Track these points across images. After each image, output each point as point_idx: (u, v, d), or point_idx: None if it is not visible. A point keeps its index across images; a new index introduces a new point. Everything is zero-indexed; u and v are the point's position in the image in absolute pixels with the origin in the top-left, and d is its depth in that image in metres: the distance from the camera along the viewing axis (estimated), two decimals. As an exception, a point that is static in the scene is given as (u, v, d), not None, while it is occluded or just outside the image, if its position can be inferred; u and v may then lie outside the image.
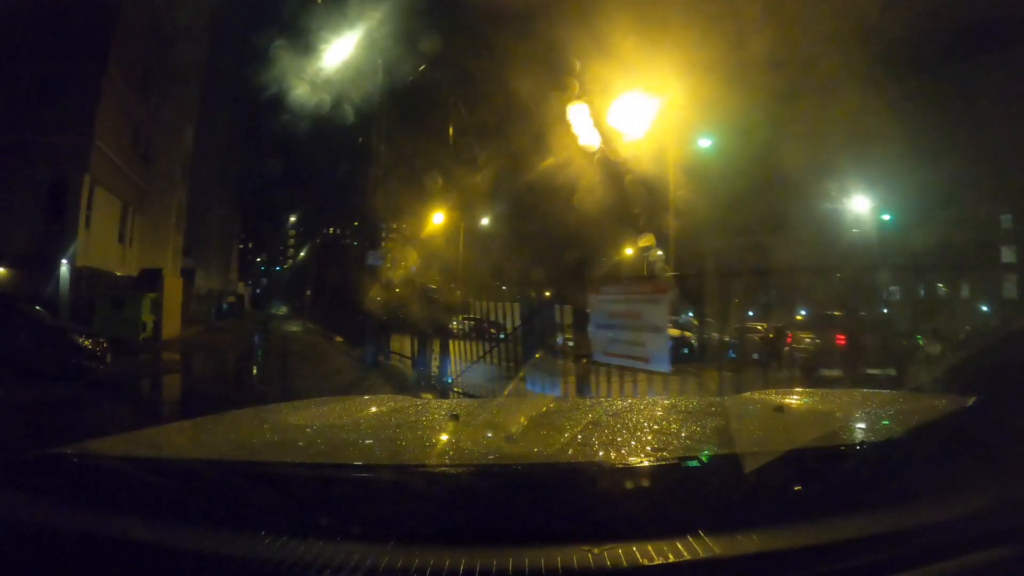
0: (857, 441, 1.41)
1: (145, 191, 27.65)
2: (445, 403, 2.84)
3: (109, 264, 23.73)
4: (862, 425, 1.68)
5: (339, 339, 21.96)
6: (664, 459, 1.26)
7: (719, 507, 1.02)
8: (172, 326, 23.22)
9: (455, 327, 9.31)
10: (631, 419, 1.85)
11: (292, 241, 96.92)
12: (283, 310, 70.22)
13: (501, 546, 0.92)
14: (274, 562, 0.90)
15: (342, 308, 22.75)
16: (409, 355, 11.06)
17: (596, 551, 0.91)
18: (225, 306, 44.79)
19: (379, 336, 13.68)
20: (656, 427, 1.74)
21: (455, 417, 1.76)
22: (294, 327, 37.59)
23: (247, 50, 47.41)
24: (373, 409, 2.15)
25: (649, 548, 0.93)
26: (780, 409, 1.87)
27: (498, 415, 1.95)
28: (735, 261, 20.27)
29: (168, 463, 1.23)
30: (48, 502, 1.06)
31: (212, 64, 34.78)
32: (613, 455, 1.37)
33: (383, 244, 12.52)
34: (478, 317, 8.97)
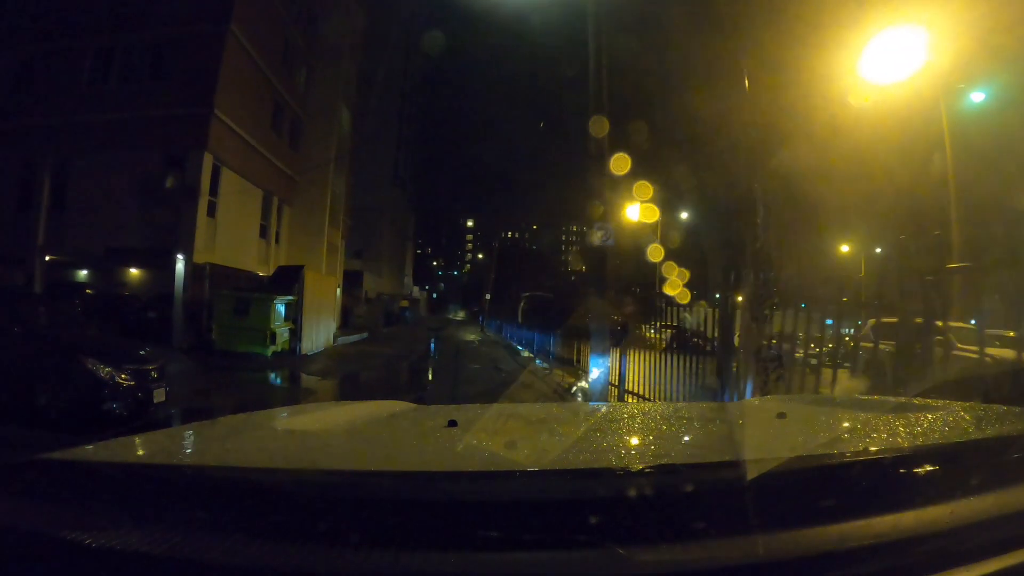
0: (862, 447, 1.28)
1: (295, 182, 24.48)
2: (444, 409, 2.09)
3: (248, 263, 20.47)
4: (868, 431, 1.52)
5: (526, 353, 18.85)
6: (663, 464, 1.23)
7: (721, 513, 0.98)
8: (321, 336, 19.15)
9: (653, 335, 8.40)
10: (632, 425, 1.95)
11: (470, 245, 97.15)
12: (460, 315, 68.91)
13: (496, 552, 0.92)
14: (270, 569, 0.89)
15: (534, 317, 20.89)
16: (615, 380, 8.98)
17: (596, 558, 0.91)
18: (398, 311, 42.24)
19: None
20: (657, 433, 1.81)
21: (453, 423, 1.63)
22: (471, 335, 34.27)
23: (418, 22, 45.10)
24: (371, 414, 2.02)
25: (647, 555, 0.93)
26: (782, 415, 1.82)
27: (497, 421, 1.93)
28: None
29: (161, 469, 1.18)
30: (36, 509, 1.01)
31: (373, 39, 31.56)
32: (613, 461, 1.36)
33: (597, 233, 8.37)
34: (676, 324, 7.88)
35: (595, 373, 8.56)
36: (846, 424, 1.70)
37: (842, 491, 1.06)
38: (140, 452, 1.38)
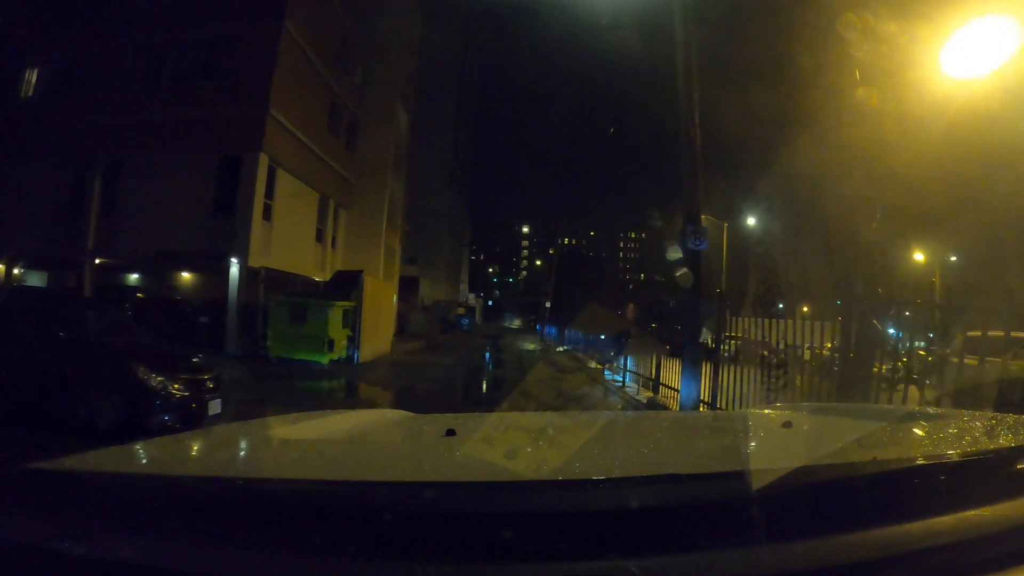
0: (869, 457, 1.20)
1: (351, 185, 23.90)
2: (443, 418, 1.99)
3: (303, 266, 19.88)
4: (875, 441, 1.49)
5: (593, 364, 17.58)
6: (667, 475, 1.16)
7: (726, 524, 0.97)
8: (379, 343, 18.31)
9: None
10: (635, 434, 1.94)
11: (525, 252, 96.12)
12: (516, 323, 67.97)
13: (495, 564, 0.91)
14: None
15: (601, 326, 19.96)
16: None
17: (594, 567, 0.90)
18: (454, 319, 41.47)
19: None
20: (660, 442, 1.82)
21: (452, 432, 1.60)
22: (530, 344, 33.29)
23: (476, 22, 44.56)
24: (368, 424, 2.03)
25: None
26: (788, 424, 1.79)
27: (497, 430, 1.85)
28: None
29: (154, 480, 1.18)
30: (24, 519, 0.99)
31: (429, 39, 30.96)
32: (615, 471, 1.33)
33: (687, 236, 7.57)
34: (742, 336, 8.08)
35: (686, 389, 8.14)
36: (853, 433, 1.56)
37: (849, 502, 1.04)
38: (130, 462, 1.35)
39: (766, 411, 2.48)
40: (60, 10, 18.68)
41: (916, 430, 1.76)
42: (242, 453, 1.56)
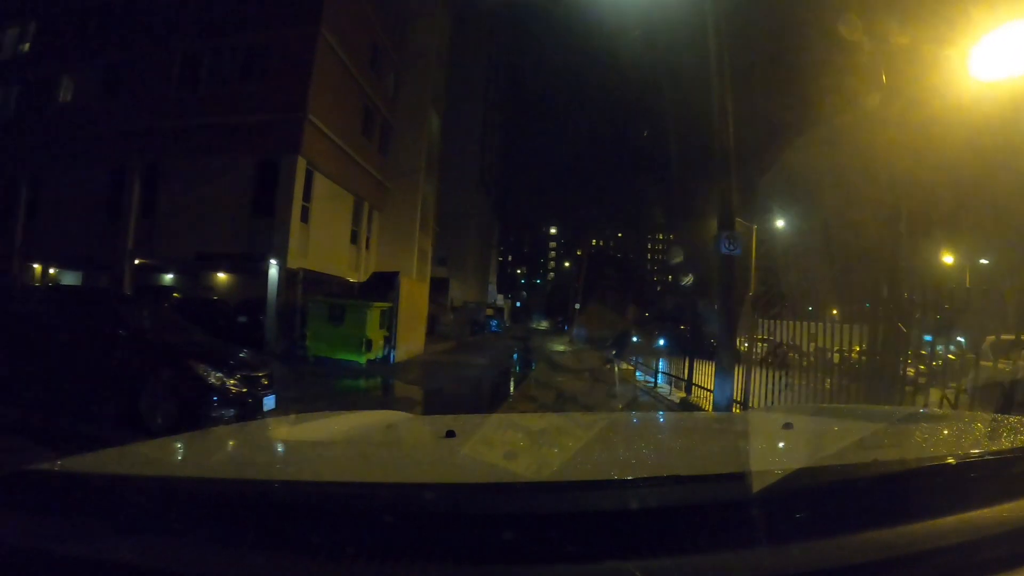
0: (870, 459, 1.21)
1: (385, 187, 24.25)
2: (442, 419, 1.97)
3: (339, 268, 20.24)
4: (877, 442, 1.49)
5: (625, 366, 17.43)
6: (667, 476, 1.18)
7: (727, 526, 0.97)
8: (413, 344, 18.54)
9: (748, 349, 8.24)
10: (636, 435, 1.96)
11: (553, 253, 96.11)
12: (544, 324, 67.90)
13: (494, 565, 0.90)
14: None
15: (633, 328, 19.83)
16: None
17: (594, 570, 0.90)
18: (483, 320, 41.66)
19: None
20: (661, 443, 1.86)
21: (451, 434, 1.57)
22: (560, 345, 32.99)
23: (504, 27, 44.79)
24: (367, 425, 1.99)
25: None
26: (789, 426, 1.77)
27: (496, 432, 1.85)
28: None
29: (153, 481, 1.13)
30: (24, 522, 0.99)
31: (459, 44, 31.23)
32: (615, 473, 1.33)
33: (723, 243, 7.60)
34: (770, 338, 8.06)
35: (719, 389, 8.22)
36: (854, 434, 1.59)
37: (850, 503, 1.03)
38: (128, 463, 1.33)
39: (767, 412, 2.42)
40: (99, 17, 19.30)
41: (917, 431, 1.75)
42: (241, 454, 1.55)
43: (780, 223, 30.79)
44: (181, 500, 1.02)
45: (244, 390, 6.39)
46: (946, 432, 1.71)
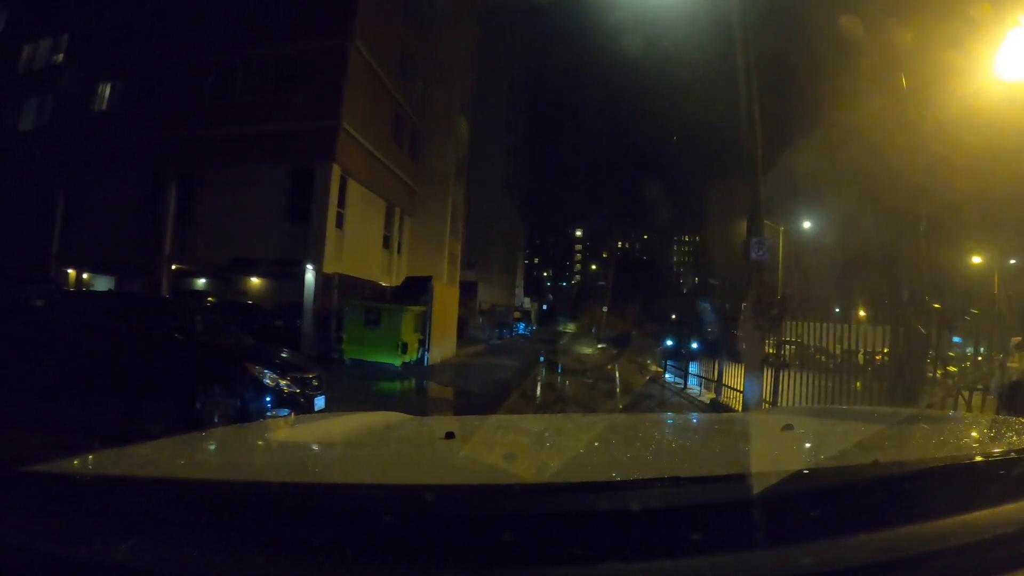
0: (871, 460, 1.20)
1: (415, 192, 24.63)
2: (441, 420, 2.44)
3: (371, 272, 20.61)
4: (878, 443, 1.47)
5: (654, 368, 17.99)
6: (667, 478, 1.16)
7: (726, 528, 0.96)
8: (445, 347, 18.82)
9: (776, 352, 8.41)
10: (636, 437, 1.91)
11: (579, 256, 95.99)
12: (571, 327, 67.78)
13: (494, 567, 0.90)
14: None
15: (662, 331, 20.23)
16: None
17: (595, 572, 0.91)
18: (511, 323, 41.84)
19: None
20: (661, 445, 1.84)
21: (451, 435, 1.59)
22: (587, 348, 32.97)
23: (530, 32, 45.07)
24: (367, 426, 2.01)
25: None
26: (789, 427, 1.77)
27: (496, 433, 1.87)
28: None
29: (152, 482, 1.14)
30: (23, 523, 0.99)
31: (485, 49, 31.53)
32: (615, 474, 1.34)
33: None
34: (798, 340, 8.11)
35: (749, 390, 8.43)
36: (855, 436, 1.57)
37: (851, 505, 1.03)
38: (128, 464, 1.33)
39: (768, 414, 2.40)
40: (136, 27, 19.83)
41: (918, 433, 1.73)
42: (241, 456, 1.54)
43: (806, 224, 30.44)
44: (179, 501, 1.02)
45: (297, 390, 6.66)
46: (947, 434, 1.69)
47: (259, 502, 1.01)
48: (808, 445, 1.68)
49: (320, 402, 6.81)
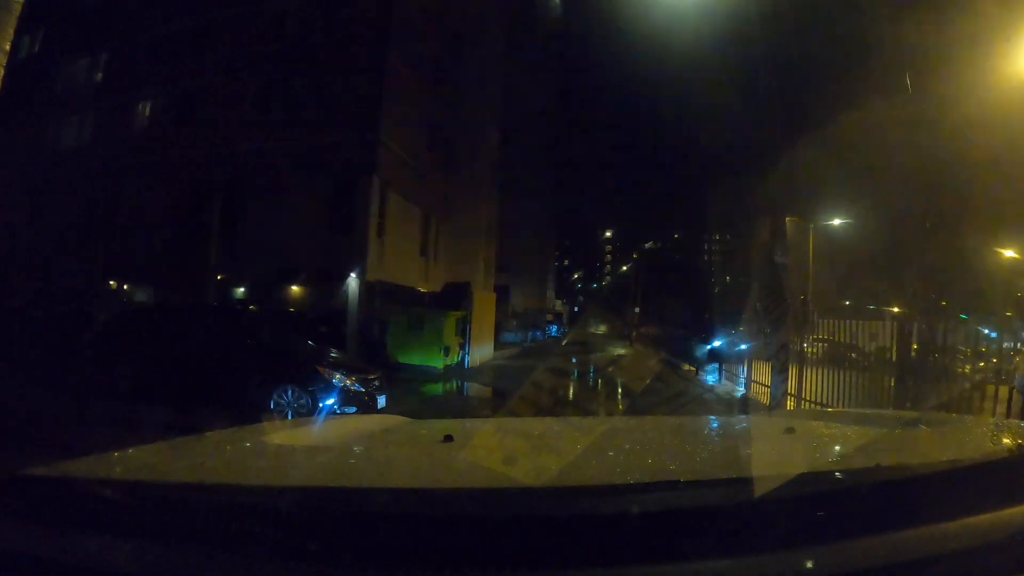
0: (873, 463, 1.24)
1: (449, 200, 25.29)
2: (440, 423, 2.08)
3: (409, 279, 21.29)
4: (879, 447, 1.52)
5: (686, 367, 18.51)
6: (666, 481, 1.21)
7: (727, 532, 0.95)
8: (484, 349, 19.46)
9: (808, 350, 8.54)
10: (635, 440, 1.87)
11: (609, 257, 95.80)
12: (602, 328, 67.71)
13: (492, 572, 0.90)
14: None
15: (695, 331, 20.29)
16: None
17: None
18: (544, 325, 42.29)
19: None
20: (661, 448, 1.76)
21: (449, 438, 1.60)
22: (621, 349, 33.21)
23: (559, 43, 45.58)
24: (365, 430, 2.02)
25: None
26: (791, 430, 1.74)
27: (495, 437, 1.88)
28: None
29: (147, 486, 1.15)
30: (16, 527, 0.98)
31: (517, 52, 32.09)
32: (615, 478, 1.33)
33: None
34: (830, 338, 8.12)
35: (775, 386, 8.85)
36: (856, 439, 1.62)
37: (852, 509, 1.02)
38: (122, 468, 1.34)
39: (769, 417, 2.32)
40: (177, 45, 20.62)
41: (920, 436, 1.73)
42: (237, 459, 1.54)
43: (836, 221, 30.09)
44: (175, 505, 1.02)
45: (362, 390, 7.27)
46: (949, 436, 1.70)
47: (257, 506, 1.01)
48: (810, 448, 1.65)
49: (382, 400, 7.43)
